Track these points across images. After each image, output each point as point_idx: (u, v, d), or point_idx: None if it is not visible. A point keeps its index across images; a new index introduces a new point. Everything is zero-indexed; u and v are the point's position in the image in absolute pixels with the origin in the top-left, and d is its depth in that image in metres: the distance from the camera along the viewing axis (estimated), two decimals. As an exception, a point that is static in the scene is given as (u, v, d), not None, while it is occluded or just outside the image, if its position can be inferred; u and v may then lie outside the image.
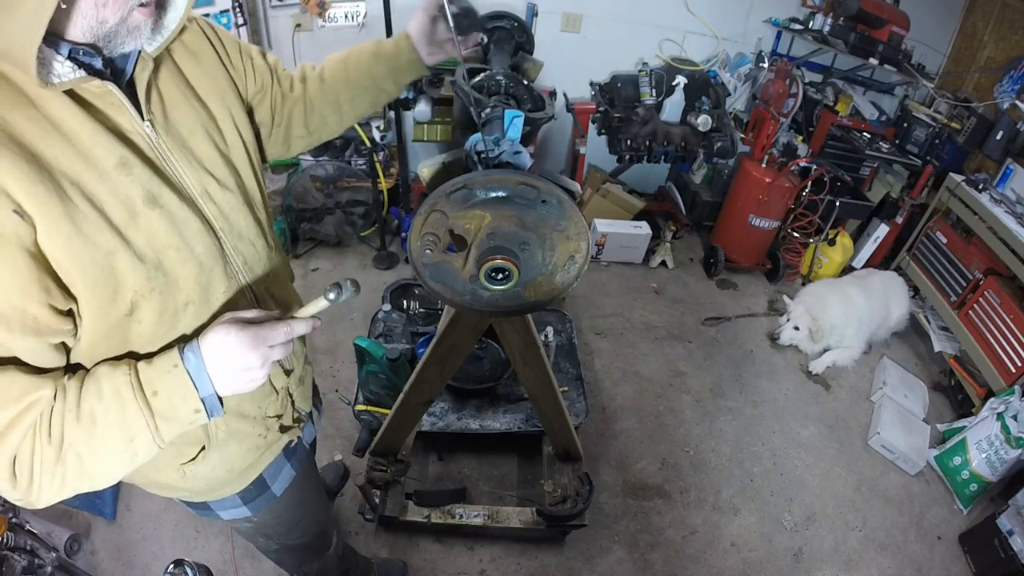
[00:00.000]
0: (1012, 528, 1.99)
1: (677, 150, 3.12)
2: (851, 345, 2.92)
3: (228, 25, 3.22)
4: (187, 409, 0.73)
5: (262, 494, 1.07)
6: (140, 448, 0.72)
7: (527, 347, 1.45)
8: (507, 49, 2.49)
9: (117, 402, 0.70)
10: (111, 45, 0.67)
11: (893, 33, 3.06)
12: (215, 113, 0.86)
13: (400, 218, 3.49)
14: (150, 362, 0.74)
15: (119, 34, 0.67)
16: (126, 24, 0.67)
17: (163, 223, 0.73)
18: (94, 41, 0.66)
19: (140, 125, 0.73)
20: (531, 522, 1.87)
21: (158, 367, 0.73)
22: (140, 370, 0.73)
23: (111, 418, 0.69)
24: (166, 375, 0.72)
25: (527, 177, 0.96)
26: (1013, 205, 2.66)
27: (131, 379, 0.71)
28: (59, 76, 0.64)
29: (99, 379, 0.70)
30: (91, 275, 0.67)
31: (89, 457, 0.69)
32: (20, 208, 0.61)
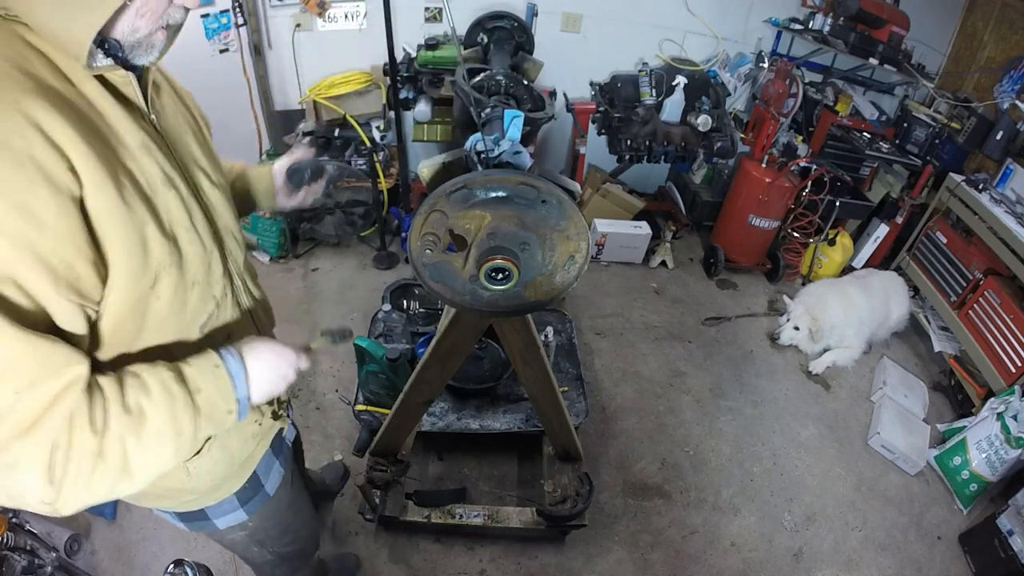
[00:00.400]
0: (1012, 528, 1.99)
1: (677, 150, 3.12)
2: (851, 345, 2.92)
3: (228, 25, 3.22)
4: (223, 409, 0.79)
5: (257, 494, 1.09)
6: (183, 444, 0.75)
7: (527, 347, 1.45)
8: (507, 49, 2.49)
9: (166, 395, 0.72)
10: (132, 53, 0.73)
11: (893, 33, 3.06)
12: (198, 119, 0.96)
13: (400, 218, 3.49)
14: (188, 362, 0.78)
15: (142, 45, 0.72)
16: (151, 38, 0.73)
17: (176, 203, 0.79)
18: (125, 43, 0.72)
19: (149, 116, 0.79)
20: (531, 522, 1.87)
21: (199, 367, 0.78)
22: (182, 368, 0.77)
23: (161, 411, 0.71)
24: (208, 374, 0.78)
25: (527, 177, 0.96)
26: (1013, 205, 2.66)
27: (174, 374, 0.75)
28: (98, 62, 0.70)
29: (140, 375, 0.72)
30: (130, 241, 0.70)
31: (136, 451, 0.69)
32: (73, 167, 0.64)
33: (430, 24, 3.31)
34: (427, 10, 3.27)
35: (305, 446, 2.28)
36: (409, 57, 3.07)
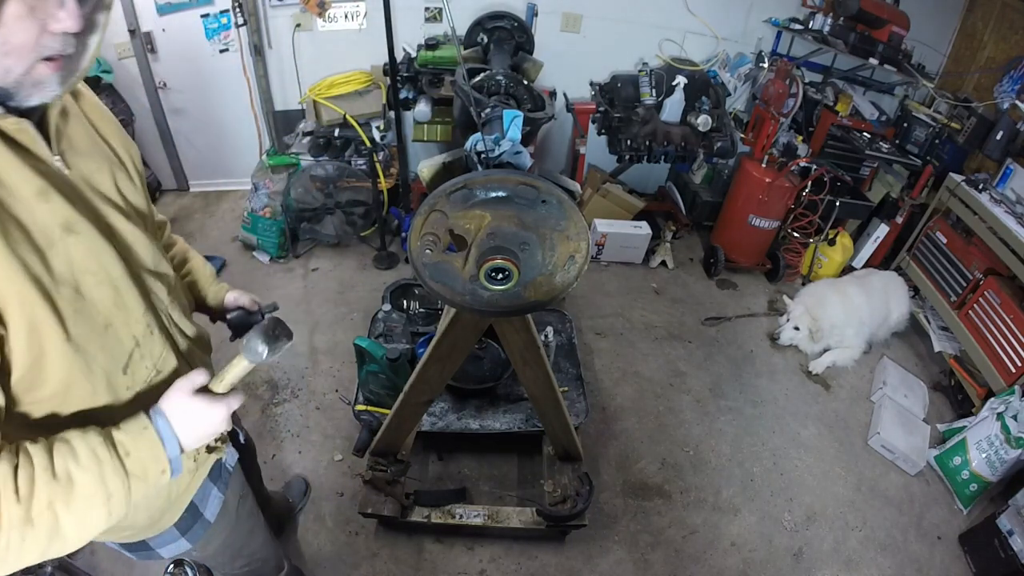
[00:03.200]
0: (1012, 528, 1.99)
1: (677, 150, 3.12)
2: (851, 345, 2.92)
3: (228, 25, 3.22)
4: (156, 469, 0.79)
5: (196, 521, 1.08)
6: (115, 507, 0.75)
7: (527, 347, 1.45)
8: (507, 49, 2.50)
9: (94, 461, 0.72)
10: (17, 97, 0.68)
11: (893, 33, 3.06)
12: (119, 155, 0.90)
13: (400, 218, 3.49)
14: (118, 426, 0.77)
15: (23, 85, 0.67)
16: (31, 76, 0.67)
17: (80, 249, 0.75)
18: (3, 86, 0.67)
19: (52, 159, 0.75)
20: (531, 522, 1.87)
21: (128, 430, 0.77)
22: (112, 432, 0.76)
23: (90, 477, 0.71)
24: (138, 437, 0.77)
25: (527, 177, 0.96)
26: (1013, 205, 2.66)
27: (103, 439, 0.74)
28: None
29: (69, 441, 0.72)
30: (26, 295, 0.67)
31: (66, 516, 0.69)
32: None
33: (430, 24, 3.31)
34: (427, 10, 3.28)
35: (305, 446, 2.29)
36: (409, 57, 3.07)
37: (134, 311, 0.85)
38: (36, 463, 0.68)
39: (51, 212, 0.72)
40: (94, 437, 0.74)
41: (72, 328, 0.73)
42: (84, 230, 0.76)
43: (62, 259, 0.73)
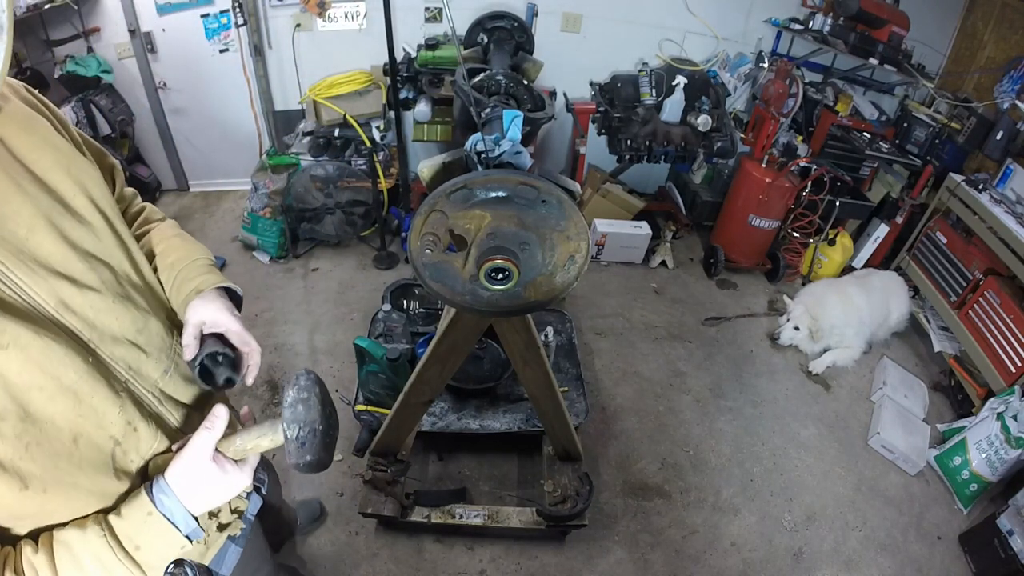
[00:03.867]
0: (1012, 528, 1.99)
1: (677, 150, 3.12)
2: (851, 345, 2.92)
3: (228, 25, 3.22)
4: (173, 551, 0.69)
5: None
6: None
7: (527, 347, 1.45)
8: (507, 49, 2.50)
9: (101, 570, 0.63)
10: None
11: (893, 33, 3.06)
12: (62, 192, 0.66)
13: (400, 218, 3.49)
14: (120, 514, 0.66)
15: None
16: None
17: (14, 364, 0.57)
18: None
19: None
20: (531, 522, 1.87)
21: (131, 519, 0.66)
22: (114, 526, 0.65)
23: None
24: (143, 525, 0.66)
25: (527, 177, 0.96)
26: (1013, 205, 2.66)
27: (108, 540, 0.64)
28: None
29: (71, 546, 0.62)
30: None
31: None
32: None
33: (430, 24, 3.31)
34: (427, 10, 3.28)
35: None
36: (409, 57, 3.08)
37: (106, 413, 0.68)
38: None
39: None
40: (95, 539, 0.63)
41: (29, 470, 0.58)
42: (16, 337, 0.57)
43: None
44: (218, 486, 0.70)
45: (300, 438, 0.68)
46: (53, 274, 0.63)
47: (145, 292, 0.78)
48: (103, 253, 0.70)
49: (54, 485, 0.62)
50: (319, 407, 0.70)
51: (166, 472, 0.69)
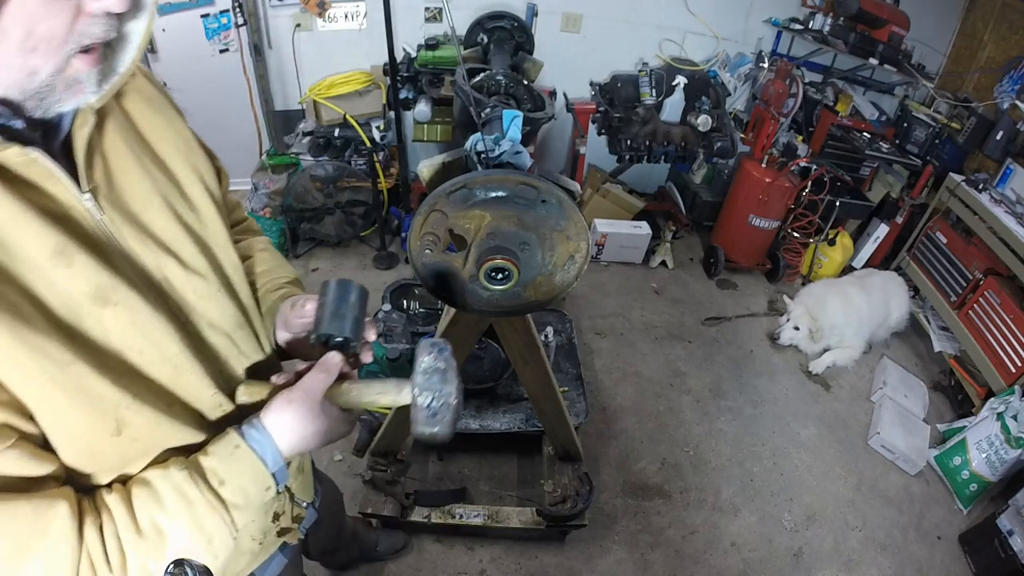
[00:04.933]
0: (1012, 528, 1.99)
1: (677, 150, 3.12)
2: (851, 345, 2.91)
3: (228, 25, 3.22)
4: (258, 489, 0.66)
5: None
6: (219, 547, 0.64)
7: (527, 347, 1.45)
8: (507, 49, 2.50)
9: (183, 504, 0.60)
10: (44, 104, 0.52)
11: (893, 33, 3.06)
12: (178, 176, 0.68)
13: (400, 218, 3.49)
14: (206, 451, 0.65)
15: (54, 89, 0.51)
16: (63, 76, 0.51)
17: (118, 324, 0.58)
18: (20, 98, 0.51)
19: (79, 199, 0.56)
20: (531, 522, 1.87)
21: (218, 454, 0.65)
22: (200, 461, 0.64)
23: (181, 524, 0.60)
24: (230, 459, 0.64)
25: (527, 177, 0.96)
26: (1013, 205, 2.66)
27: (190, 473, 0.62)
28: None
29: (150, 483, 0.61)
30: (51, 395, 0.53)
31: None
32: None
33: (430, 24, 3.31)
34: (427, 10, 3.27)
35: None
36: (409, 57, 3.07)
37: (201, 391, 0.68)
38: (117, 520, 0.57)
39: (73, 279, 0.54)
40: (177, 473, 0.62)
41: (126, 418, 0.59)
42: (124, 297, 0.58)
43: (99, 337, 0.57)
44: (319, 428, 0.68)
45: (432, 408, 0.67)
46: (163, 249, 0.64)
47: (243, 290, 0.78)
48: (211, 242, 0.71)
49: (145, 439, 0.62)
50: (456, 380, 0.70)
51: (265, 409, 0.67)
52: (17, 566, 0.51)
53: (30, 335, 0.51)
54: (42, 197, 0.54)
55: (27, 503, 0.51)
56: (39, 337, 0.51)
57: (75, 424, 0.56)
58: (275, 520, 0.86)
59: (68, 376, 0.54)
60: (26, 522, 0.51)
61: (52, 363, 0.52)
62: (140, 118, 0.66)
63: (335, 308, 0.72)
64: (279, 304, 0.83)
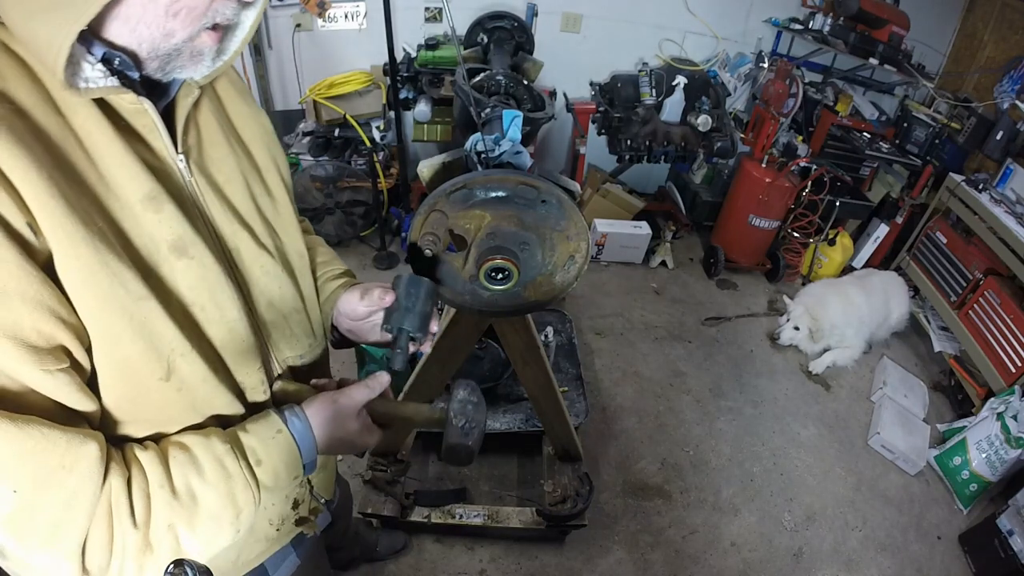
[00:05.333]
0: (1012, 528, 1.99)
1: (677, 150, 3.12)
2: (851, 345, 2.91)
3: (228, 25, 3.22)
4: (289, 477, 0.68)
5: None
6: (244, 522, 0.64)
7: (527, 347, 1.45)
8: (507, 49, 2.50)
9: (222, 475, 0.61)
10: (167, 67, 0.56)
11: (893, 33, 3.06)
12: (258, 161, 0.73)
13: (400, 218, 3.49)
14: (245, 428, 0.66)
15: (180, 55, 0.56)
16: (190, 45, 0.55)
17: (188, 277, 0.61)
18: (145, 56, 0.55)
19: (174, 157, 0.61)
20: (531, 522, 1.87)
21: (258, 434, 0.66)
22: (240, 437, 0.65)
23: (216, 493, 0.61)
24: (270, 441, 0.66)
25: (527, 177, 0.96)
26: (1013, 205, 2.66)
27: (232, 448, 0.63)
28: (88, 81, 0.52)
29: (189, 449, 0.61)
30: (116, 324, 0.54)
31: (190, 540, 0.59)
32: (35, 223, 0.49)
33: (430, 24, 3.31)
34: (427, 10, 3.28)
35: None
36: (409, 57, 3.08)
37: (248, 361, 0.70)
38: (151, 477, 0.57)
39: (159, 225, 0.58)
40: (219, 444, 0.62)
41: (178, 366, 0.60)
42: (199, 254, 0.61)
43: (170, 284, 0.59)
44: (352, 431, 0.71)
45: (465, 428, 0.77)
46: (239, 222, 0.68)
47: (304, 277, 0.82)
48: (279, 227, 0.75)
49: (188, 392, 0.63)
50: (485, 412, 0.80)
51: (307, 403, 0.70)
52: (40, 494, 0.51)
53: (113, 260, 0.53)
54: (143, 147, 0.58)
55: (62, 433, 0.51)
56: (120, 265, 0.54)
57: (129, 360, 0.57)
58: (295, 507, 0.87)
59: (138, 308, 0.56)
60: (57, 453, 0.51)
61: (127, 292, 0.54)
62: (229, 103, 0.71)
63: (406, 303, 0.79)
64: (341, 292, 0.88)
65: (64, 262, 0.51)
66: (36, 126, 0.50)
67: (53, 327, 0.51)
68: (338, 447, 0.72)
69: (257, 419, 0.68)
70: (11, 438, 0.48)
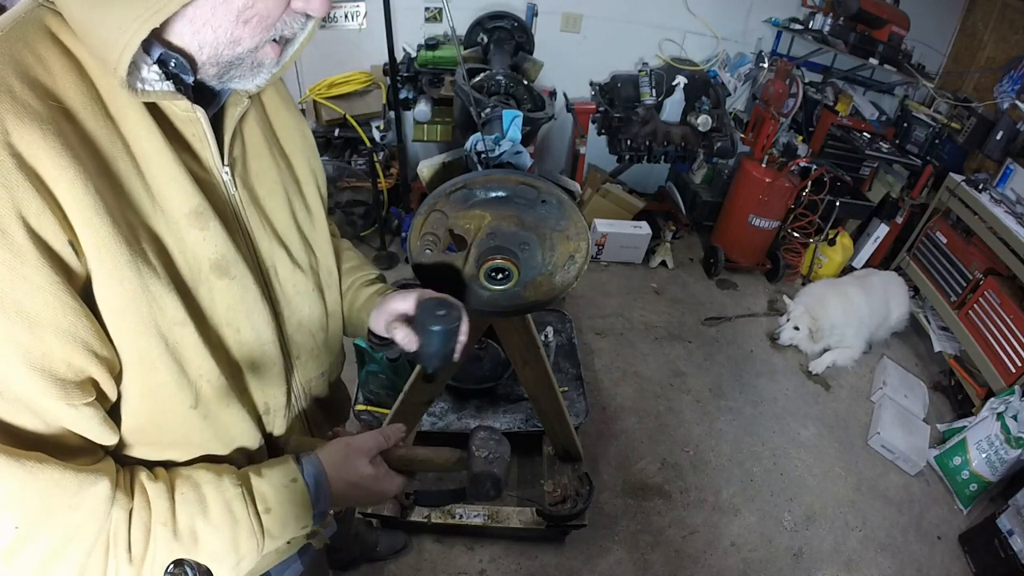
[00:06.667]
0: (1012, 528, 1.99)
1: (677, 150, 3.12)
2: (851, 345, 2.91)
3: (228, 25, 3.22)
4: (296, 527, 0.65)
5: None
6: (244, 567, 0.62)
7: (527, 347, 1.45)
8: (507, 49, 2.50)
9: (228, 520, 0.58)
10: (225, 76, 0.54)
11: (893, 33, 3.06)
12: (299, 174, 0.71)
13: (400, 218, 3.49)
14: (260, 473, 0.63)
15: (243, 64, 0.53)
16: (254, 56, 0.53)
17: (227, 298, 0.59)
18: (207, 60, 0.52)
19: (220, 170, 0.58)
20: (531, 522, 1.87)
21: (272, 481, 0.62)
22: (252, 482, 0.61)
23: (220, 537, 0.58)
24: (283, 490, 0.62)
25: (527, 177, 0.96)
26: (1013, 205, 2.66)
27: (243, 491, 0.60)
28: (144, 82, 0.49)
29: (198, 486, 0.58)
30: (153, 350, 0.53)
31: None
32: (77, 243, 0.46)
33: (430, 24, 3.31)
34: (427, 10, 3.27)
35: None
36: (409, 57, 3.07)
37: (272, 382, 0.68)
38: (155, 512, 0.55)
39: (203, 243, 0.55)
40: (230, 488, 0.59)
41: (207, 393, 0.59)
42: (239, 274, 0.59)
43: (207, 305, 0.57)
44: (365, 479, 0.68)
45: (489, 458, 0.77)
46: (276, 239, 0.66)
47: (331, 295, 0.80)
48: (315, 243, 0.73)
49: (214, 418, 0.61)
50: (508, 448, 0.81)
51: (321, 451, 0.67)
52: (42, 529, 0.49)
53: (155, 284, 0.51)
54: (190, 157, 0.55)
55: (74, 475, 0.49)
56: (162, 288, 0.52)
57: (161, 387, 0.55)
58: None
59: (173, 334, 0.54)
60: (67, 494, 0.49)
61: (165, 318, 0.52)
62: (274, 114, 0.69)
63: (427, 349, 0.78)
64: (376, 298, 0.86)
65: (104, 285, 0.48)
66: (84, 131, 0.47)
67: (85, 360, 0.48)
68: (355, 493, 0.68)
69: (274, 464, 0.64)
70: (22, 478, 0.46)
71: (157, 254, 0.52)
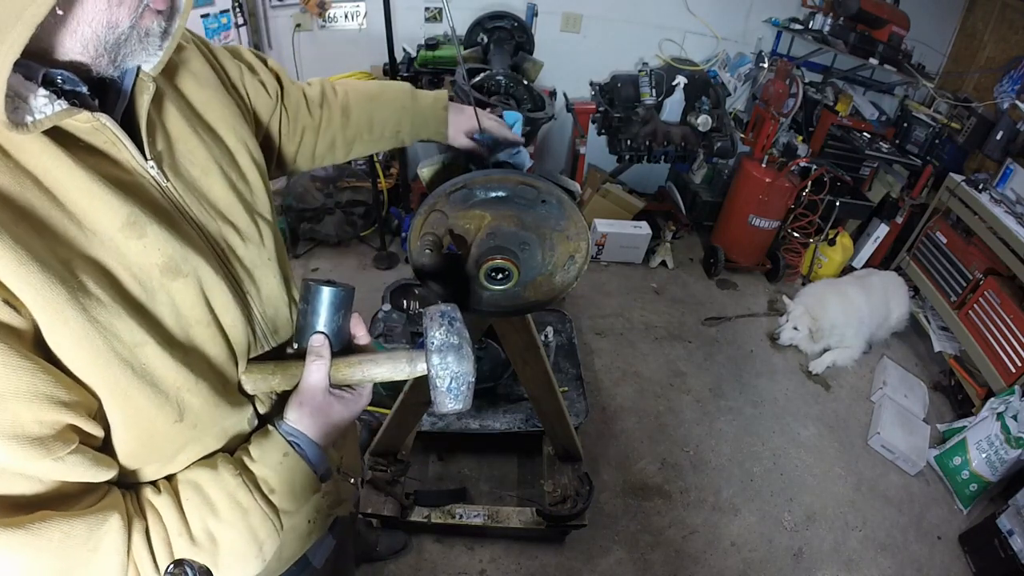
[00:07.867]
0: (1012, 528, 1.99)
1: (677, 150, 3.12)
2: (851, 345, 2.91)
3: (228, 25, 3.22)
4: (308, 494, 0.67)
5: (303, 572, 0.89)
6: (268, 551, 0.64)
7: (527, 347, 1.45)
8: (507, 49, 2.50)
9: (237, 512, 0.59)
10: (118, 57, 0.51)
11: (893, 33, 3.06)
12: (230, 145, 0.69)
13: (400, 218, 3.49)
14: (252, 457, 0.63)
15: (130, 40, 0.51)
16: (137, 29, 0.51)
17: (188, 295, 0.57)
18: (94, 56, 0.50)
19: (144, 166, 0.56)
20: (531, 522, 1.87)
21: (266, 462, 0.63)
22: (250, 468, 0.63)
23: (235, 532, 0.59)
24: (279, 467, 0.64)
25: (527, 177, 0.96)
26: (1013, 205, 2.66)
27: (243, 479, 0.61)
28: (35, 112, 0.46)
29: (200, 487, 0.59)
30: (120, 379, 0.52)
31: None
32: (12, 298, 0.45)
33: (430, 24, 3.31)
34: (427, 10, 3.28)
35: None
36: (409, 57, 3.07)
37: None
38: (169, 525, 0.56)
39: (146, 251, 0.53)
40: (229, 478, 0.60)
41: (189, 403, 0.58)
42: (194, 267, 0.58)
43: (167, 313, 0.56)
44: (339, 415, 0.68)
45: (451, 389, 0.64)
46: (222, 218, 0.64)
47: (284, 262, 0.77)
48: (259, 212, 0.71)
49: (204, 423, 0.61)
50: (471, 354, 0.65)
51: (287, 415, 0.66)
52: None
53: (102, 314, 0.49)
54: (110, 166, 0.53)
55: (82, 522, 0.49)
56: (110, 316, 0.50)
57: (142, 410, 0.54)
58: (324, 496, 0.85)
59: (138, 358, 0.52)
60: (79, 542, 0.49)
61: (123, 345, 0.51)
62: (191, 94, 0.66)
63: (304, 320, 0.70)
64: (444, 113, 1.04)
65: (52, 330, 0.47)
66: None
67: (55, 413, 0.47)
68: (335, 432, 0.70)
69: (260, 443, 0.65)
70: (31, 544, 0.46)
71: (98, 281, 0.50)
